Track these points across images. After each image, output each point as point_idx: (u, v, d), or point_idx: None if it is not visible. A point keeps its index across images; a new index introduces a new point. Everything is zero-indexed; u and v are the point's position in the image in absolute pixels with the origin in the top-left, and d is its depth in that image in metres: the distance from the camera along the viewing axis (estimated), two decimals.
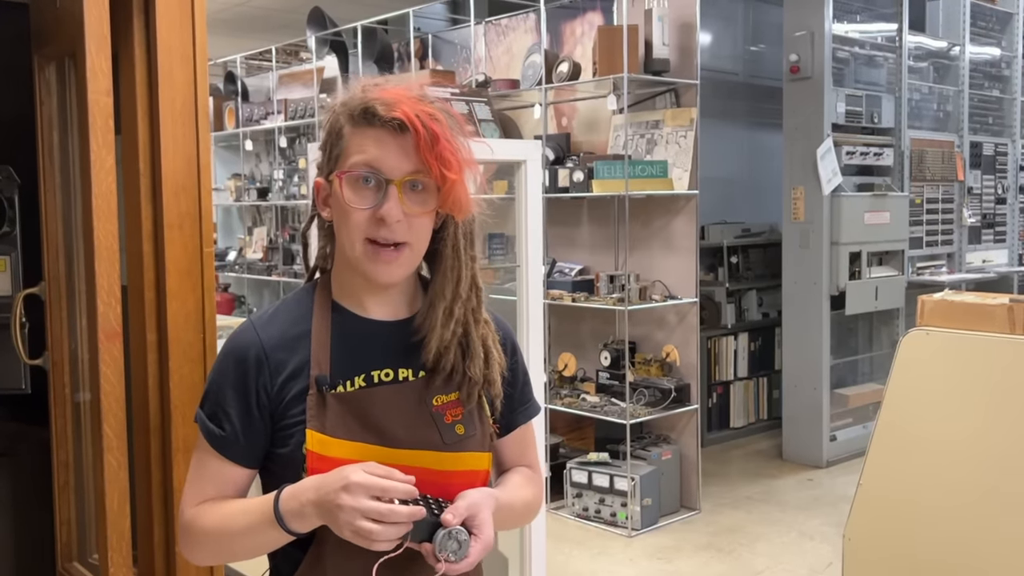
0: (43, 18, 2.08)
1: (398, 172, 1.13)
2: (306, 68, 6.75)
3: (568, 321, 4.84)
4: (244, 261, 7.17)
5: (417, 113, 1.12)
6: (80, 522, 2.18)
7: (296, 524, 1.11)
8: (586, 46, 4.74)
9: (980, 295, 2.88)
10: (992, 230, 6.08)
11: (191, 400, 1.90)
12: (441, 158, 1.12)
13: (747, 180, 6.01)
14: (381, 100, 1.14)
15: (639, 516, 4.14)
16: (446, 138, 1.13)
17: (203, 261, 1.91)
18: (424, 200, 1.16)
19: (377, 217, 1.13)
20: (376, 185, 1.14)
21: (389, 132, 1.13)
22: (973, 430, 2.60)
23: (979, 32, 5.97)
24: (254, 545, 1.17)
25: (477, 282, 1.24)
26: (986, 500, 2.54)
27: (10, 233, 2.26)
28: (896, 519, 2.71)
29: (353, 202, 1.14)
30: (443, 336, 1.20)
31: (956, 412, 2.64)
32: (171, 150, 1.87)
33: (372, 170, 1.13)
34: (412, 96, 1.15)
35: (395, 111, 1.12)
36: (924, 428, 2.70)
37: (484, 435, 1.24)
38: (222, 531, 1.17)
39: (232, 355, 1.19)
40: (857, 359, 5.53)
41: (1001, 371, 2.57)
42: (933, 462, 2.66)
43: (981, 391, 2.60)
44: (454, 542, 1.08)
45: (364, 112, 1.14)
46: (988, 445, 2.56)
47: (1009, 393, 2.54)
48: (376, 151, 1.13)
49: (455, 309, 1.21)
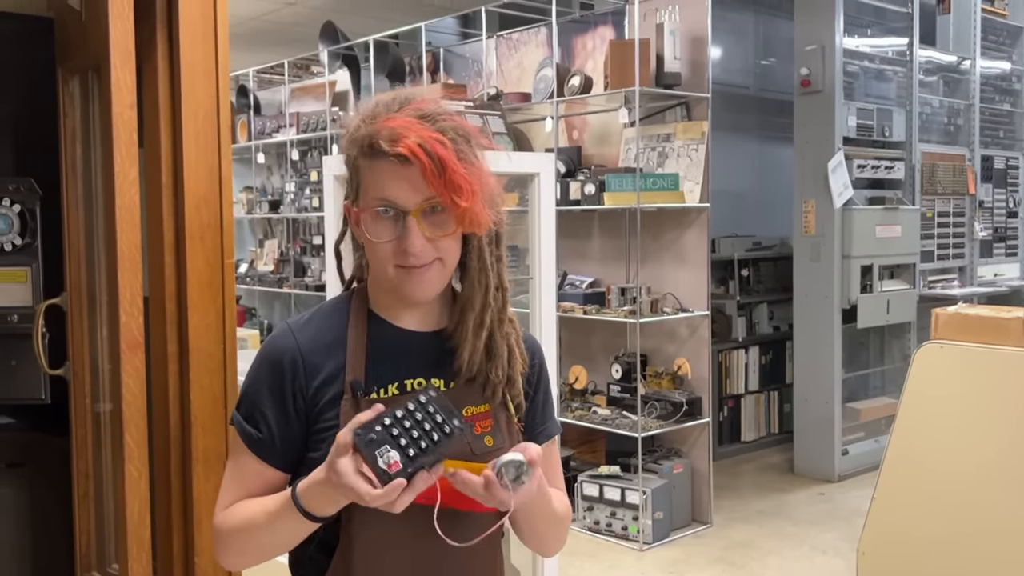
0: (67, 32, 2.11)
1: (412, 202, 1.14)
2: (318, 82, 6.80)
3: (579, 334, 4.85)
4: (255, 273, 7.20)
5: (421, 142, 1.11)
6: (99, 532, 2.18)
7: (315, 505, 1.10)
8: (597, 60, 4.76)
9: (994, 308, 2.88)
10: (1004, 243, 6.07)
11: (211, 411, 1.92)
12: (450, 184, 1.12)
13: (758, 193, 6.02)
14: (386, 133, 1.13)
15: (650, 530, 4.13)
16: (453, 164, 1.12)
17: (224, 272, 1.93)
18: (445, 222, 1.16)
19: (402, 248, 1.15)
20: (395, 215, 1.16)
21: (397, 165, 1.13)
22: (988, 443, 2.59)
23: (990, 46, 5.98)
24: (278, 538, 1.16)
25: (503, 283, 1.25)
26: (1002, 514, 2.53)
27: (31, 244, 2.28)
28: (910, 533, 2.70)
29: (377, 236, 1.16)
30: (475, 346, 1.22)
31: (971, 425, 2.64)
32: (193, 163, 1.89)
33: (388, 203, 1.15)
34: (417, 122, 1.14)
35: (398, 146, 1.12)
36: (939, 441, 2.69)
37: (512, 444, 1.25)
38: (247, 528, 1.17)
39: (269, 357, 1.21)
40: (869, 373, 5.52)
41: (1016, 384, 2.57)
42: (948, 476, 2.65)
43: (996, 404, 2.60)
44: (515, 471, 1.08)
45: (370, 146, 1.15)
46: (1004, 458, 2.55)
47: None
48: (388, 184, 1.14)
49: (485, 318, 1.23)
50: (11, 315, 2.26)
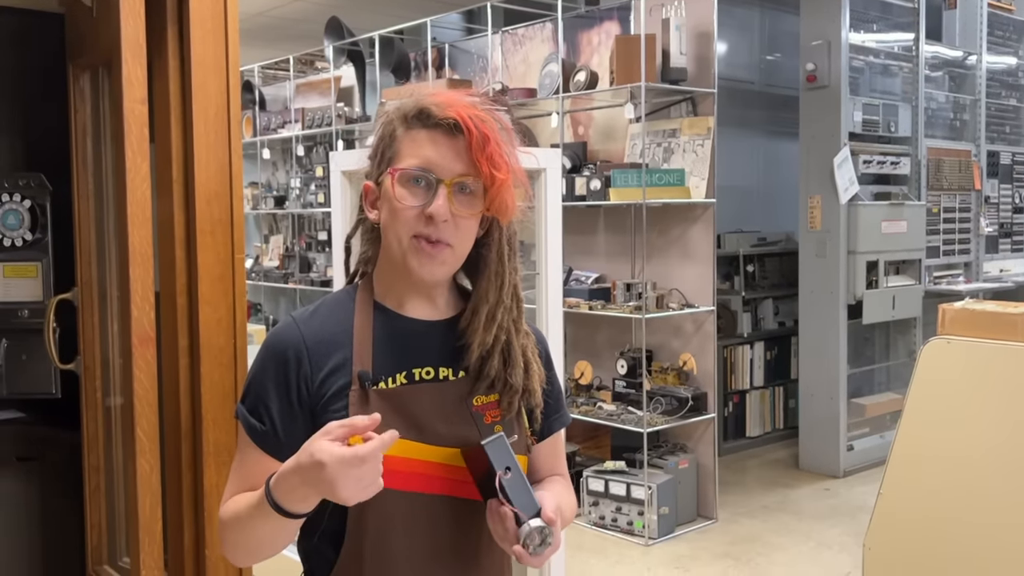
0: (78, 28, 2.11)
1: (449, 173, 1.17)
2: (323, 77, 6.80)
3: (584, 329, 4.85)
4: (260, 269, 7.21)
5: (470, 115, 1.16)
6: (110, 525, 2.20)
7: (290, 503, 1.08)
8: (603, 55, 4.76)
9: (1001, 304, 2.88)
10: (1009, 239, 6.06)
11: (222, 405, 1.93)
12: (491, 159, 1.15)
13: (763, 189, 6.02)
14: (435, 102, 1.18)
15: (656, 525, 4.14)
16: (496, 140, 1.16)
17: (235, 267, 1.93)
18: (471, 203, 1.18)
19: (426, 215, 1.16)
20: (427, 186, 1.17)
21: (442, 133, 1.17)
22: (995, 439, 2.59)
23: (996, 41, 5.97)
24: (265, 535, 1.14)
25: (519, 292, 1.27)
26: (1009, 510, 2.53)
27: (42, 239, 2.29)
28: (917, 529, 2.70)
29: (404, 199, 1.17)
30: (485, 340, 1.22)
31: (977, 421, 2.64)
32: (204, 158, 1.90)
33: (424, 170, 1.17)
34: (465, 101, 1.19)
35: (449, 111, 1.16)
36: (945, 437, 2.69)
37: (522, 438, 1.26)
38: (234, 522, 1.17)
39: (273, 350, 1.21)
40: (874, 368, 5.52)
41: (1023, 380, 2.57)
42: (954, 471, 2.65)
43: (1003, 400, 2.60)
44: (539, 538, 1.10)
45: (419, 113, 1.19)
46: (1011, 454, 2.55)
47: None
48: (429, 151, 1.17)
49: (498, 313, 1.23)
50: (22, 310, 2.27)
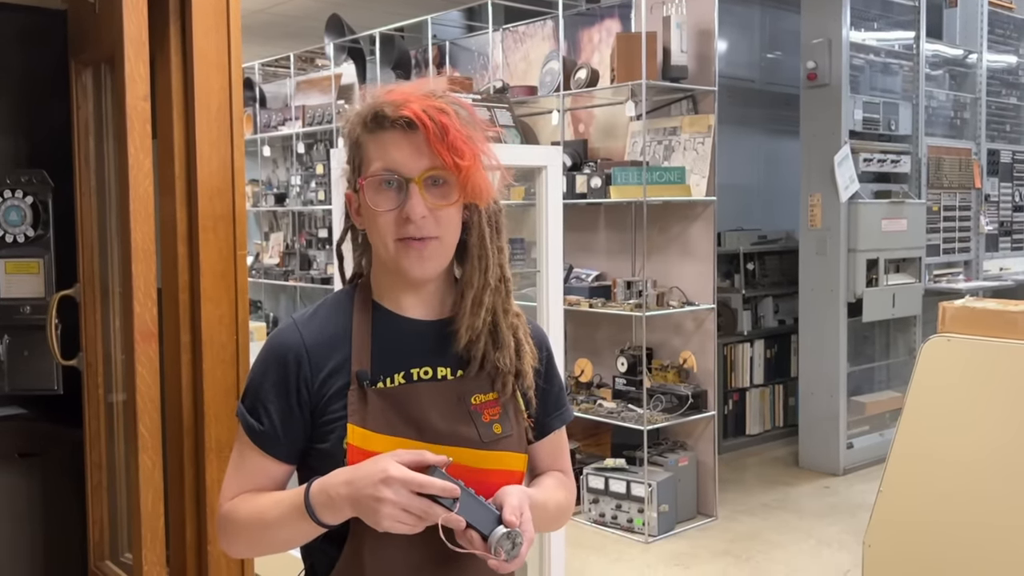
0: (81, 24, 2.11)
1: (415, 170, 1.17)
2: (324, 75, 6.80)
3: (584, 327, 4.86)
4: (261, 266, 7.21)
5: (424, 108, 1.16)
6: (112, 521, 2.20)
7: (328, 516, 1.12)
8: (604, 53, 4.76)
9: (1002, 302, 2.88)
10: (1009, 238, 6.07)
11: (224, 401, 1.93)
12: (453, 148, 1.15)
13: (764, 187, 6.02)
14: (389, 102, 1.18)
15: (656, 522, 4.14)
16: (455, 128, 1.16)
17: (237, 264, 1.94)
18: (446, 193, 1.19)
19: (403, 217, 1.17)
20: (398, 186, 1.18)
21: (401, 132, 1.16)
22: (995, 437, 2.60)
23: (996, 39, 5.97)
24: (287, 537, 1.18)
25: (505, 273, 1.27)
26: (1009, 508, 2.54)
27: (44, 236, 2.29)
28: (917, 526, 2.71)
29: (378, 205, 1.18)
30: (473, 325, 1.22)
31: (977, 419, 2.64)
32: (206, 154, 1.90)
33: (390, 172, 1.17)
34: (420, 94, 1.18)
35: (402, 110, 1.16)
36: (945, 435, 2.70)
37: (520, 436, 1.26)
38: (256, 523, 1.19)
39: (274, 351, 1.22)
40: (874, 366, 5.52)
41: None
42: (954, 469, 2.65)
43: (1003, 398, 2.60)
44: (510, 542, 1.10)
45: (375, 116, 1.18)
46: (1011, 453, 2.56)
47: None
48: (391, 153, 1.17)
49: (484, 298, 1.23)
50: (24, 306, 2.28)
